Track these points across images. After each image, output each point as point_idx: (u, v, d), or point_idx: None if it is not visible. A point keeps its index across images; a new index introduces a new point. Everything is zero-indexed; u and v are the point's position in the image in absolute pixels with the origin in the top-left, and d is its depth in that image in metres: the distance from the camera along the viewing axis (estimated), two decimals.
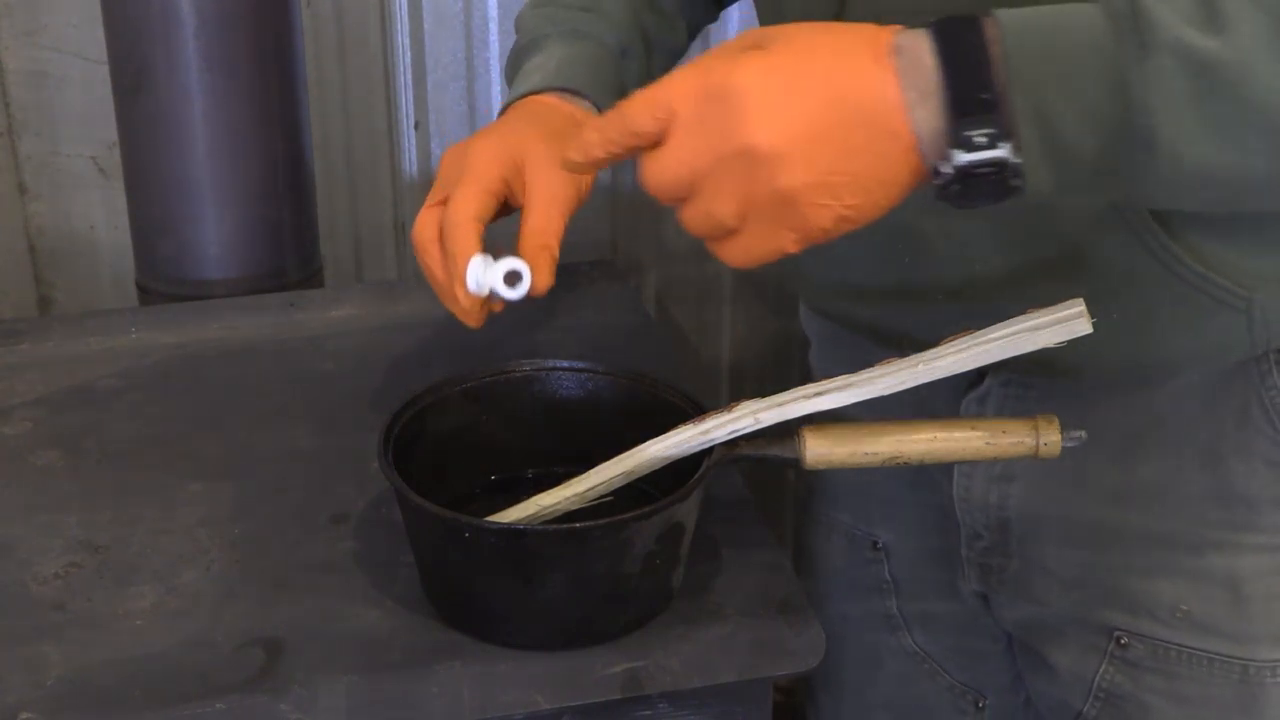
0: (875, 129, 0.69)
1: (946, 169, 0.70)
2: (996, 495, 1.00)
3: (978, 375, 0.96)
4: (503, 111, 1.00)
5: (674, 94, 0.71)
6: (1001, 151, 0.69)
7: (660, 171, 0.72)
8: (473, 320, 0.90)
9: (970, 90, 0.69)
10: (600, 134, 0.74)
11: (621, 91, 1.00)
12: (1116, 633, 0.99)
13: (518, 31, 1.09)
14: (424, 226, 0.91)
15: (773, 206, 0.71)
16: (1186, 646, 0.98)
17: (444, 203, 0.90)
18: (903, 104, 0.69)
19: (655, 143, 0.72)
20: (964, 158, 0.69)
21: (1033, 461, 0.96)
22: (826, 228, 0.71)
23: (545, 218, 0.90)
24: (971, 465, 1.00)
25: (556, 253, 0.90)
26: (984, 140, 0.69)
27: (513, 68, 1.06)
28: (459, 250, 0.87)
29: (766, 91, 0.69)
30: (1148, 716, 1.00)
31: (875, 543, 1.12)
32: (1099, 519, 0.98)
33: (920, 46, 0.69)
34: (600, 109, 0.97)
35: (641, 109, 0.72)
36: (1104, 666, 1.00)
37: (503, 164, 0.91)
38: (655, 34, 1.08)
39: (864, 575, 1.13)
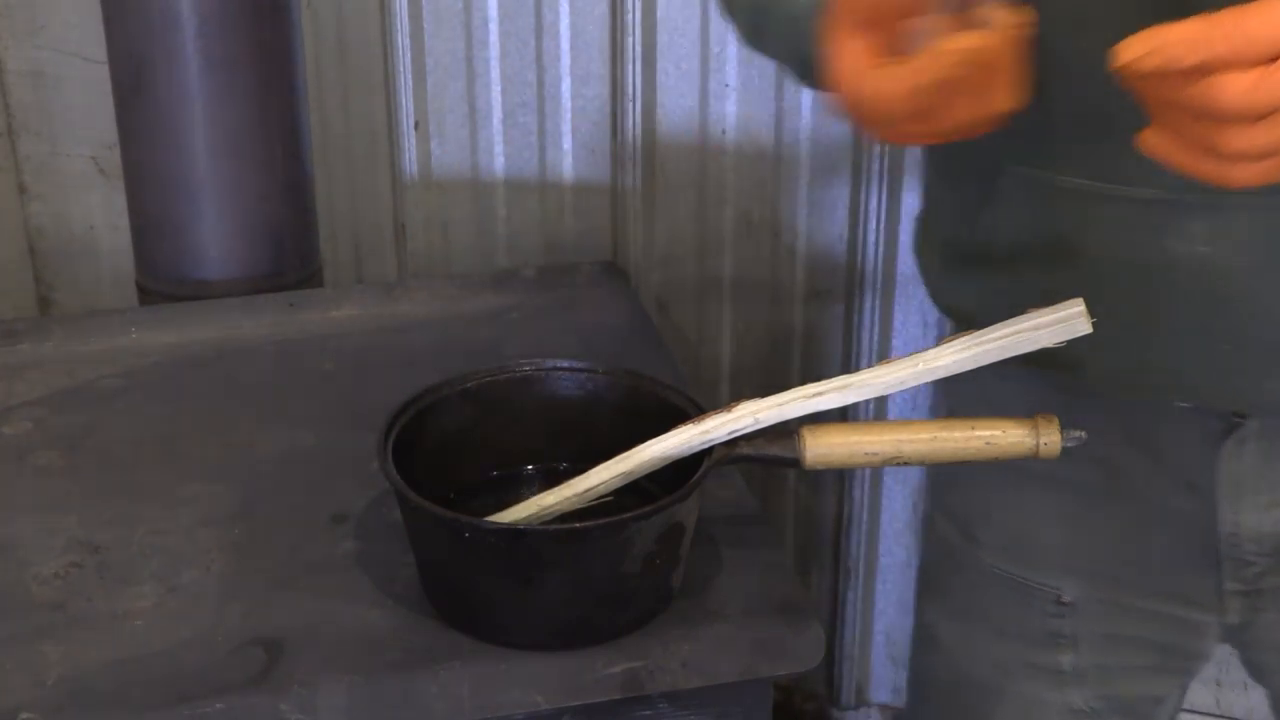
0: None
1: None
2: (1270, 523, 0.98)
3: (1233, 422, 0.95)
4: None
5: None
6: None
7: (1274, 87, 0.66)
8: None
9: None
10: (1195, 42, 0.64)
11: None
12: None
13: None
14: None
15: None
16: None
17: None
18: None
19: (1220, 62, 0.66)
20: None
21: None
22: None
23: None
24: (1236, 502, 0.98)
25: None
26: None
27: None
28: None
29: None
30: None
31: (1060, 598, 1.06)
32: None
33: None
34: None
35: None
36: None
37: None
38: None
39: (1035, 628, 1.07)
